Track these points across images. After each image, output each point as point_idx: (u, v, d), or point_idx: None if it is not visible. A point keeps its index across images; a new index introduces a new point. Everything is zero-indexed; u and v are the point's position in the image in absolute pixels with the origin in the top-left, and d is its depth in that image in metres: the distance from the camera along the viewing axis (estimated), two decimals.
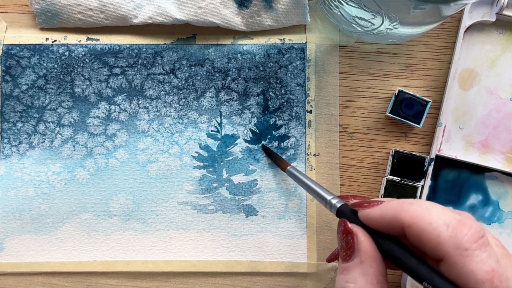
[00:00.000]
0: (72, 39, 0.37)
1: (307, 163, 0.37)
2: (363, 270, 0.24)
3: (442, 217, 0.22)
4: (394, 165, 0.36)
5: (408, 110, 0.36)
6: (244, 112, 0.37)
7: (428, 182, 0.36)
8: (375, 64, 0.38)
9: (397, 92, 0.36)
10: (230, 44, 0.37)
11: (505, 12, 0.36)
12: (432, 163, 0.36)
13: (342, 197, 0.30)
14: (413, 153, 0.36)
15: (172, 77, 0.37)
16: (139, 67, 0.37)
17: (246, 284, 0.36)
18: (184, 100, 0.37)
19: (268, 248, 0.36)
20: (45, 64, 0.37)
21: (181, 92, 0.37)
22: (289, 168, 0.35)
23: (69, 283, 0.36)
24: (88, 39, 0.37)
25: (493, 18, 0.36)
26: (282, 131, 0.37)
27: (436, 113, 0.37)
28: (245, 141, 0.37)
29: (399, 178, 0.36)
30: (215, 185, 0.37)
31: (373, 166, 0.37)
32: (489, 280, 0.21)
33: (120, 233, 0.37)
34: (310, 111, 0.37)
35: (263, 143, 0.37)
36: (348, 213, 0.27)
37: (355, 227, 0.25)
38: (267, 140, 0.37)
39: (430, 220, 0.22)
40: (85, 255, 0.36)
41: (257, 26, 0.37)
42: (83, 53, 0.37)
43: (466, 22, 0.36)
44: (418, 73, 0.38)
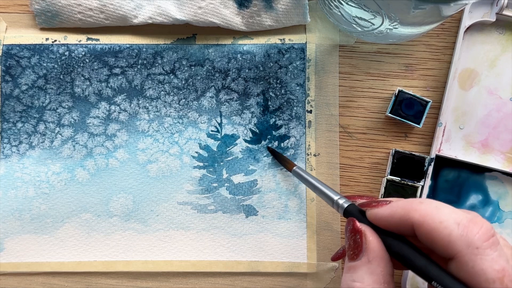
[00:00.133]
0: (72, 39, 0.37)
1: (307, 163, 0.37)
2: (371, 269, 0.24)
3: (453, 216, 0.22)
4: (394, 165, 0.36)
5: (408, 110, 0.36)
6: (244, 112, 0.37)
7: (428, 182, 0.36)
8: (375, 64, 0.38)
9: (397, 92, 0.36)
10: (230, 44, 0.37)
11: (505, 12, 0.36)
12: (432, 163, 0.36)
13: (349, 197, 0.30)
14: (413, 153, 0.36)
15: (172, 77, 0.37)
16: (139, 67, 0.37)
17: (246, 284, 0.36)
18: (184, 100, 0.37)
19: (268, 248, 0.36)
20: (45, 64, 0.37)
21: (181, 92, 0.37)
22: (295, 169, 0.35)
23: (69, 283, 0.36)
24: (88, 39, 0.37)
25: (493, 18, 0.36)
26: (282, 131, 0.37)
27: (436, 113, 0.37)
28: (245, 141, 0.37)
29: (399, 178, 0.36)
30: (215, 185, 0.37)
31: (373, 166, 0.37)
32: (500, 279, 0.21)
33: (120, 233, 0.37)
34: (310, 111, 0.37)
35: (268, 145, 0.37)
36: (356, 213, 0.27)
37: (364, 226, 0.25)
38: (267, 140, 0.37)
39: (441, 219, 0.22)
40: (85, 255, 0.36)
41: (257, 26, 0.37)
42: (83, 53, 0.37)
43: (466, 22, 0.36)
44: (418, 73, 0.38)
